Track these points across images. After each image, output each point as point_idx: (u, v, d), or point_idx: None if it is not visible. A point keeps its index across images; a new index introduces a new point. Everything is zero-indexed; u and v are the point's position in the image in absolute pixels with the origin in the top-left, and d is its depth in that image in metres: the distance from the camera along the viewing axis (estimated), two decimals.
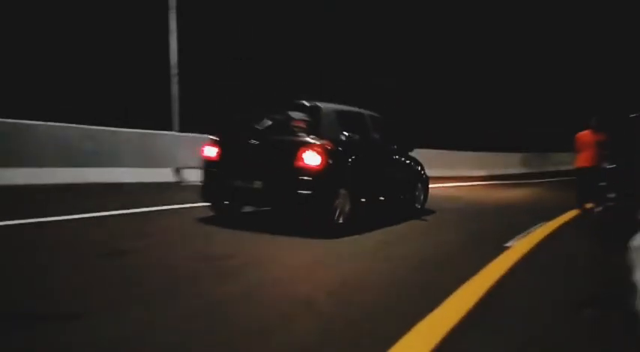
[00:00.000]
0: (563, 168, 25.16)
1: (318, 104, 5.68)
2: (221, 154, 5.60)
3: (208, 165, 5.68)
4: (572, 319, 3.03)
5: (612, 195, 5.78)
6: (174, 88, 11.96)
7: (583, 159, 8.45)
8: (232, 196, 5.62)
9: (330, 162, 5.19)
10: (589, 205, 8.25)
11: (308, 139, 5.24)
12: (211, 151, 5.66)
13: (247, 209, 6.28)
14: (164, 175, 9.88)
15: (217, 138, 5.73)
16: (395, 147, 7.09)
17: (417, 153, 7.71)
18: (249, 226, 5.46)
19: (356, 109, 6.58)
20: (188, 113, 12.60)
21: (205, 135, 11.68)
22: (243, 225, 5.50)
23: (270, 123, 5.61)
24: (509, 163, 22.71)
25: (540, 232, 6.18)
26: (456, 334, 2.58)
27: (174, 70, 11.96)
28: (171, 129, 11.53)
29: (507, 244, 5.26)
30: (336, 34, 26.36)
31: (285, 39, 25.05)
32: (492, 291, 3.45)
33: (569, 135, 8.96)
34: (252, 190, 5.27)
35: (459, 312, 2.90)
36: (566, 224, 7.10)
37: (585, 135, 8.47)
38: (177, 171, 10.08)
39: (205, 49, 20.86)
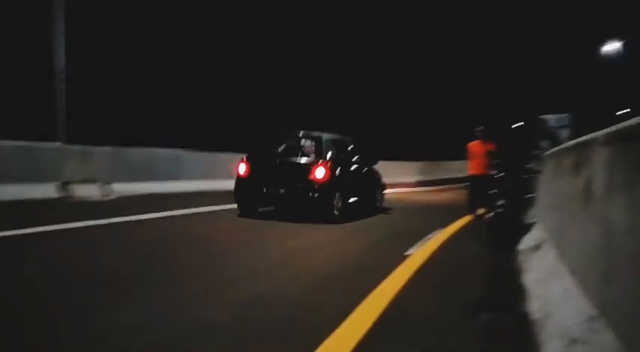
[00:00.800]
0: (461, 175, 26.91)
1: (320, 134, 8.14)
2: (250, 170, 7.78)
3: (240, 177, 7.87)
4: (469, 323, 3.08)
5: (501, 202, 6.12)
6: (61, 97, 10.97)
7: (474, 168, 8.95)
8: (261, 200, 7.88)
9: (330, 175, 7.50)
10: (481, 211, 8.75)
11: (317, 160, 7.61)
12: (243, 168, 7.86)
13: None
14: (48, 191, 8.97)
15: (246, 158, 7.92)
16: (365, 161, 9.27)
17: None
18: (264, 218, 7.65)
19: (341, 136, 9.01)
20: (77, 123, 11.64)
21: (100, 148, 11.07)
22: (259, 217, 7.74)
23: (286, 147, 8.14)
24: (416, 171, 23.83)
25: (438, 238, 6.42)
26: (363, 346, 2.54)
27: (60, 76, 10.97)
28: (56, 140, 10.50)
29: (408, 252, 5.39)
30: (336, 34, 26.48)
31: (284, 39, 24.77)
32: (395, 300, 3.46)
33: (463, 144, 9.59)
34: (278, 195, 7.55)
35: (365, 325, 2.88)
36: (461, 229, 7.44)
37: (475, 145, 8.99)
38: (64, 185, 9.21)
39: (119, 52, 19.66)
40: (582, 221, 2.70)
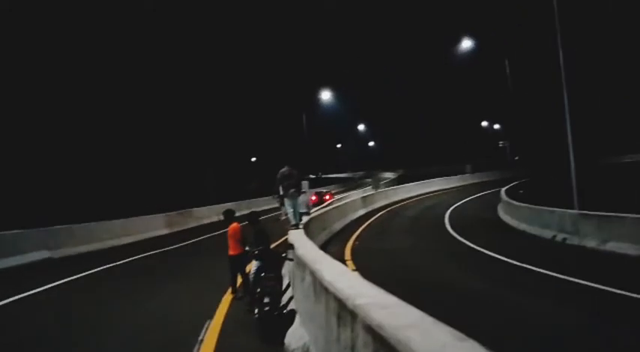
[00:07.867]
0: (205, 221, 27.27)
1: None
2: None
3: None
4: None
5: (266, 300, 6.69)
6: None
7: (231, 247, 9.43)
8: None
9: None
10: (239, 286, 9.30)
11: None
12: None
13: None
14: None
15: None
16: None
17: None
18: None
19: None
20: None
21: None
22: None
23: None
24: (155, 225, 23.01)
25: (211, 339, 6.65)
26: None
27: None
28: None
29: None
30: None
31: None
32: None
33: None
34: None
35: None
36: (229, 319, 7.81)
37: (232, 226, 9.48)
38: None
39: None
40: None
